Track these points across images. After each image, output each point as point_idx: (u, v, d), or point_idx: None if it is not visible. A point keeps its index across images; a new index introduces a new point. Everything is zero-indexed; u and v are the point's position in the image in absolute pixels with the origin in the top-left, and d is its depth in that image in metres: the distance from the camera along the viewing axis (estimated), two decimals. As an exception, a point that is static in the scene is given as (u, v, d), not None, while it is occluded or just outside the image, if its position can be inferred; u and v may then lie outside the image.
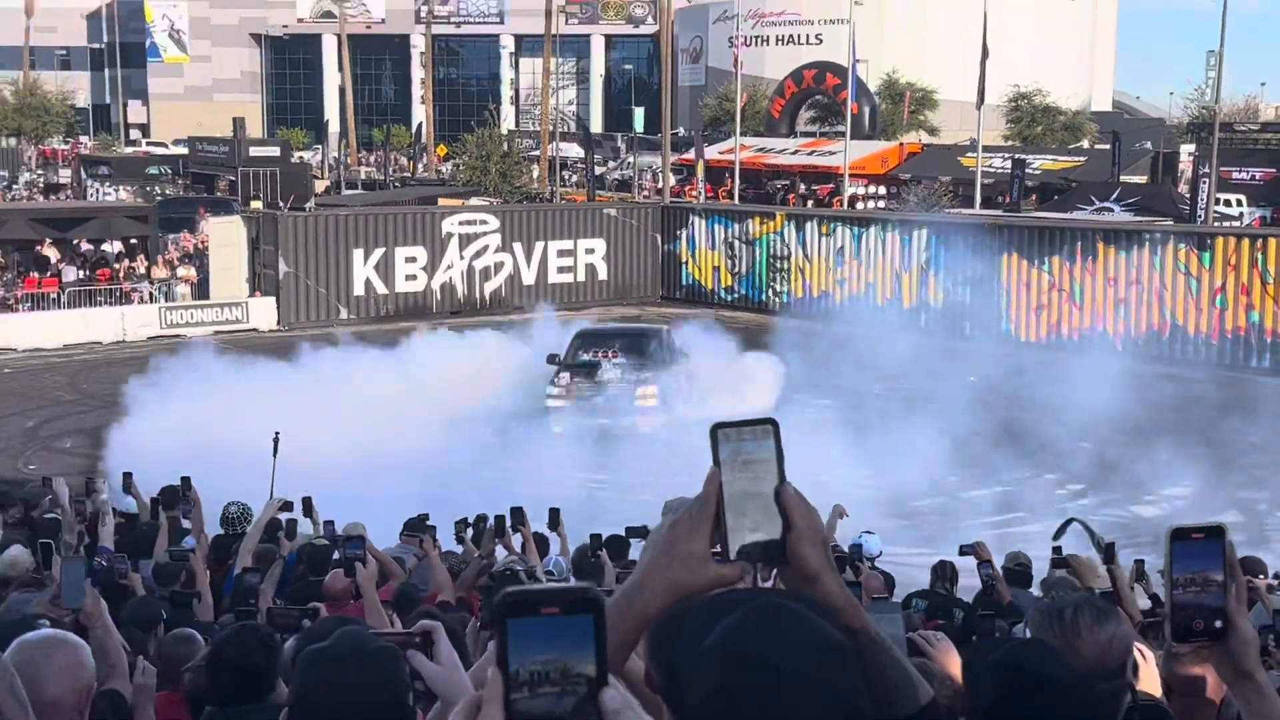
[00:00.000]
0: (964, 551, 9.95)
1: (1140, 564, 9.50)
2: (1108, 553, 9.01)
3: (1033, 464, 21.07)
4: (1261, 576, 9.37)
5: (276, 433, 12.09)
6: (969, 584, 10.36)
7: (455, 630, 4.86)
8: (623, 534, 10.50)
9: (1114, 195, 47.98)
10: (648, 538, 1.88)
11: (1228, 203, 48.32)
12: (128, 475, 11.32)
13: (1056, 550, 9.74)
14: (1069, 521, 10.65)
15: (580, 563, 9.46)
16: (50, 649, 3.45)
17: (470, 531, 11.57)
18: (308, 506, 10.97)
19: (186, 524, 11.10)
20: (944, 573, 10.21)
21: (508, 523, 9.93)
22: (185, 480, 11.51)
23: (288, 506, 9.93)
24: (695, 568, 1.76)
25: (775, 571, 1.81)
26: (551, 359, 24.30)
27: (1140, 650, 3.63)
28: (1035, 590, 9.71)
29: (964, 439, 20.40)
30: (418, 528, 10.89)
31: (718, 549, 1.79)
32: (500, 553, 10.03)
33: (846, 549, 10.83)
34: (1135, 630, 7.03)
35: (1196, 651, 2.08)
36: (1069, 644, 2.91)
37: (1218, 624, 2.03)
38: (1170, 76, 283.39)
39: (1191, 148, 55.68)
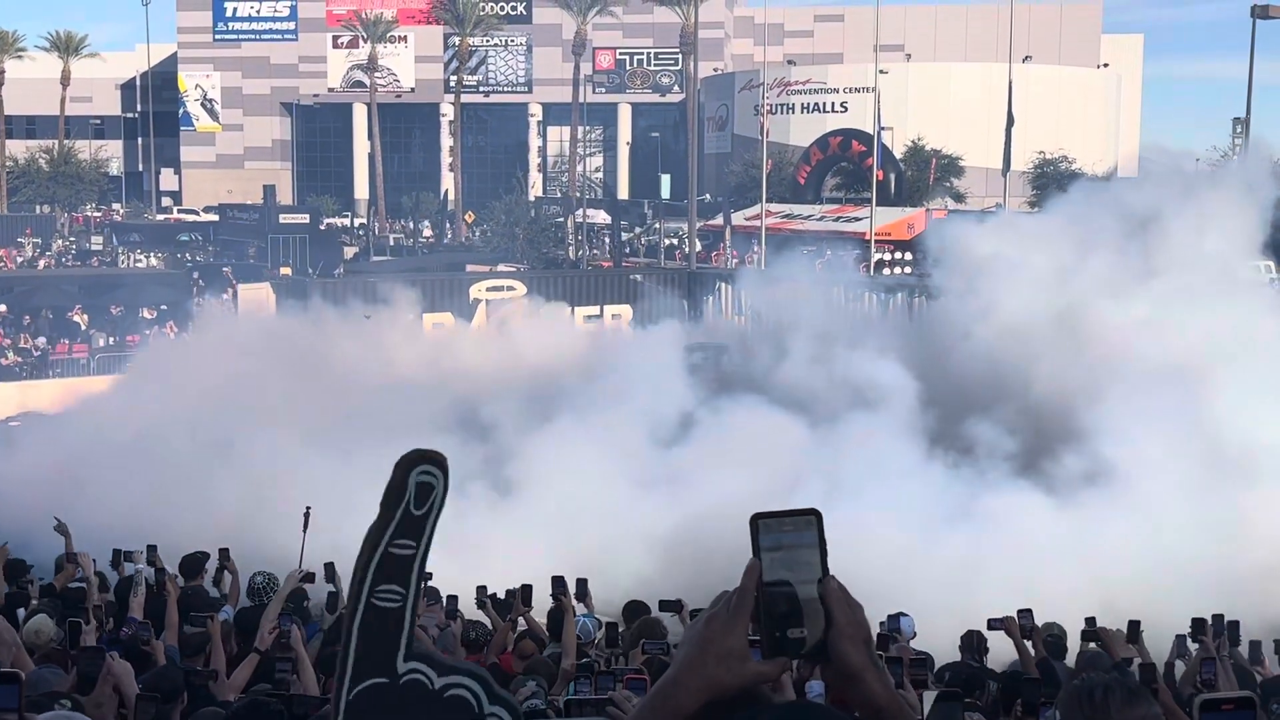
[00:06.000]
0: (993, 626, 9.77)
1: (1135, 625, 9.29)
2: (1130, 631, 8.89)
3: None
4: None
5: (308, 508, 11.83)
6: (997, 654, 10.21)
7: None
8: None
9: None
10: (685, 632, 1.80)
11: (1266, 269, 47.96)
12: (152, 547, 11.26)
13: (1090, 621, 9.59)
14: None
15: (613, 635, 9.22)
16: None
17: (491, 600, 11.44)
18: (330, 572, 10.46)
19: (214, 593, 11.09)
20: (972, 644, 10.04)
21: (535, 592, 9.85)
22: (224, 551, 11.52)
23: (309, 578, 9.83)
24: (733, 665, 1.69)
25: (817, 669, 1.74)
26: None
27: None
28: (1070, 662, 9.55)
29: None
30: (437, 594, 10.80)
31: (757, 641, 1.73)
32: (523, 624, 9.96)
33: (884, 620, 10.54)
34: (1172, 704, 6.93)
35: None
36: (1100, 727, 2.85)
37: None
38: (1195, 143, 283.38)
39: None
